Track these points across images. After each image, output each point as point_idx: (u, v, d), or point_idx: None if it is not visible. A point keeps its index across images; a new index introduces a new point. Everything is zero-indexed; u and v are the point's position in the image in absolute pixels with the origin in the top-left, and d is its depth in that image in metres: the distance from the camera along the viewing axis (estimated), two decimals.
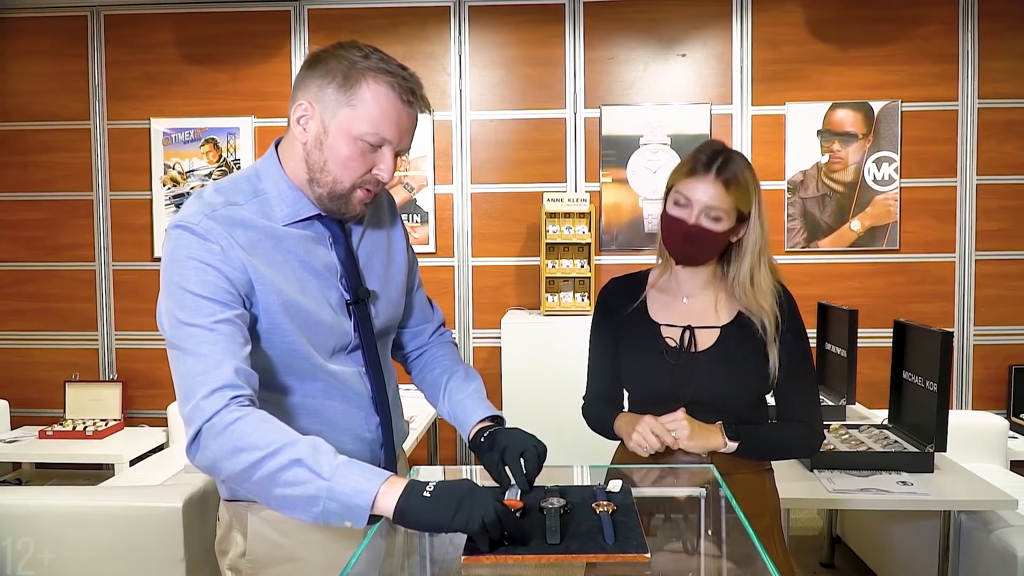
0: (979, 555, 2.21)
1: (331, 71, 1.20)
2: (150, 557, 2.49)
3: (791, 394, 1.56)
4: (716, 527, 1.25)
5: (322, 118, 1.21)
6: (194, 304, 1.15)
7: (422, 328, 1.55)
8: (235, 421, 1.09)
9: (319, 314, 1.26)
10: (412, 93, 1.23)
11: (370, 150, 1.22)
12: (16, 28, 4.21)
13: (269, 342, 1.23)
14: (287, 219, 1.26)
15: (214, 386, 1.11)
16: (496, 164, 4.11)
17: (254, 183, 1.27)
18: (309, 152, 1.23)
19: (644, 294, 1.62)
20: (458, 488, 1.05)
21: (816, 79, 4.01)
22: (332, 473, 1.05)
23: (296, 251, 1.25)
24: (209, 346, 1.13)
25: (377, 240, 1.40)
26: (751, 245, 1.51)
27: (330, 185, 1.23)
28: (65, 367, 4.19)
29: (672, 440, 1.48)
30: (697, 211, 1.47)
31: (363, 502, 1.04)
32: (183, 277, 1.16)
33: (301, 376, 1.27)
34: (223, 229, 1.18)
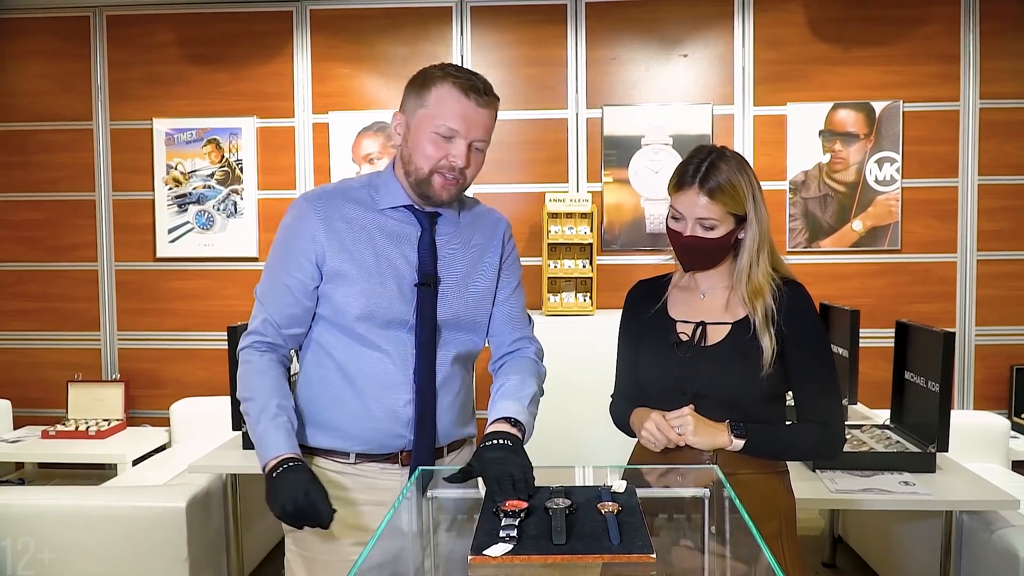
0: (981, 555, 2.21)
1: (413, 84, 1.51)
2: (153, 557, 2.50)
3: (807, 394, 1.55)
4: (720, 528, 1.26)
5: (407, 121, 1.50)
6: (273, 263, 1.54)
7: (501, 338, 1.67)
8: (246, 363, 1.51)
9: (383, 285, 1.48)
10: (474, 89, 1.46)
11: (444, 141, 1.46)
12: (18, 28, 4.21)
13: (331, 300, 1.49)
14: (385, 204, 1.53)
15: (250, 329, 1.54)
16: (498, 164, 4.11)
17: (372, 177, 1.59)
18: (402, 150, 1.52)
19: (666, 294, 1.65)
20: (282, 482, 1.34)
21: (818, 79, 4.01)
22: (259, 433, 1.43)
23: (383, 232, 1.52)
24: (267, 297, 1.53)
25: (468, 246, 1.59)
26: (748, 242, 1.54)
27: (415, 172, 1.48)
28: (67, 367, 4.19)
29: (676, 436, 1.48)
30: (691, 223, 1.52)
31: (261, 461, 1.41)
32: (277, 240, 1.55)
33: (352, 337, 1.49)
34: (317, 206, 1.51)
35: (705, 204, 1.49)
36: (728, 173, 1.49)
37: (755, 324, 1.52)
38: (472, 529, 1.10)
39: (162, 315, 4.23)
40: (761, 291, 1.52)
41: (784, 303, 1.53)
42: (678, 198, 1.53)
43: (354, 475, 1.52)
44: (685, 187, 1.51)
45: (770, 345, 1.50)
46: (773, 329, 1.51)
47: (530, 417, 1.50)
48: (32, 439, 3.82)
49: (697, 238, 1.52)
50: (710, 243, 1.52)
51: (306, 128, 4.15)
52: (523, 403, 1.51)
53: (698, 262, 1.57)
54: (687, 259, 1.57)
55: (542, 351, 1.70)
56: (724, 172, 1.49)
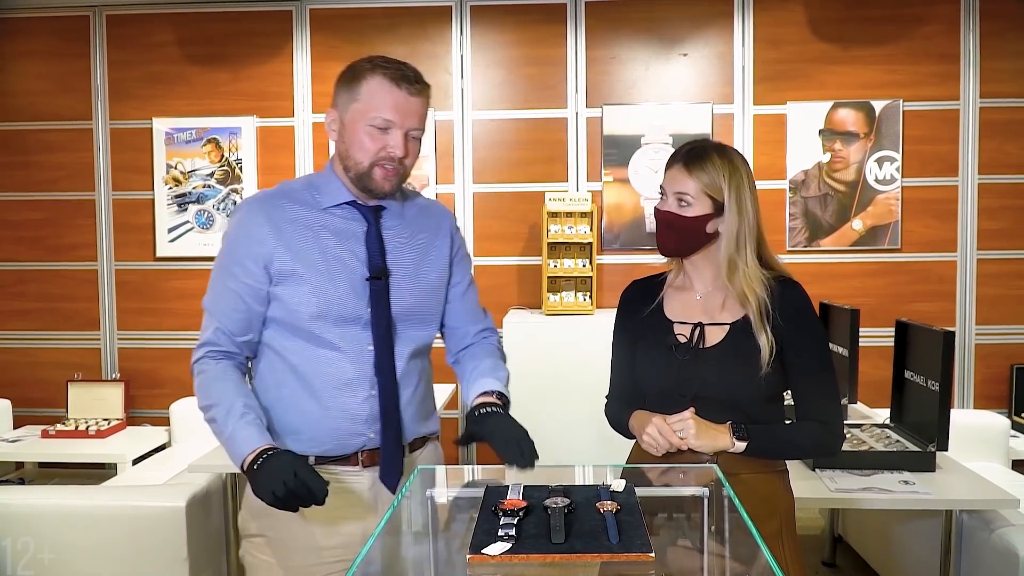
0: (981, 554, 2.21)
1: (343, 79, 1.51)
2: (153, 557, 2.49)
3: (806, 393, 1.55)
4: (719, 527, 1.26)
5: (340, 116, 1.50)
6: (220, 271, 1.50)
7: (464, 330, 1.70)
8: (201, 373, 1.48)
9: (333, 283, 1.47)
10: (405, 79, 1.46)
11: (380, 133, 1.46)
12: (18, 28, 4.21)
13: (283, 302, 1.47)
14: (328, 203, 1.52)
15: (201, 341, 1.50)
16: (498, 164, 4.11)
17: (312, 177, 1.59)
18: (338, 146, 1.52)
19: (662, 294, 1.64)
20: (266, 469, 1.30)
21: (818, 78, 4.01)
22: (229, 435, 1.39)
23: (329, 230, 1.50)
24: (216, 305, 1.50)
25: (415, 239, 1.59)
26: (725, 233, 1.53)
27: (354, 167, 1.48)
28: (67, 367, 4.19)
29: (678, 440, 1.48)
30: (670, 199, 1.56)
31: (237, 461, 1.37)
32: (223, 247, 1.52)
33: (306, 338, 1.48)
34: (261, 209, 1.49)
35: (682, 177, 1.53)
36: (715, 157, 1.53)
37: (752, 322, 1.51)
38: (471, 528, 1.10)
39: (162, 315, 4.22)
40: (752, 287, 1.52)
41: (779, 301, 1.52)
42: (666, 176, 1.58)
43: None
44: (673, 164, 1.57)
45: (767, 343, 1.49)
46: (770, 326, 1.50)
47: (508, 396, 1.56)
48: (32, 439, 3.82)
49: (671, 213, 1.55)
50: (681, 221, 1.53)
51: (306, 127, 4.15)
52: (502, 382, 1.58)
53: (669, 240, 1.58)
54: (661, 236, 1.59)
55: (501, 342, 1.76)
56: (711, 155, 1.53)
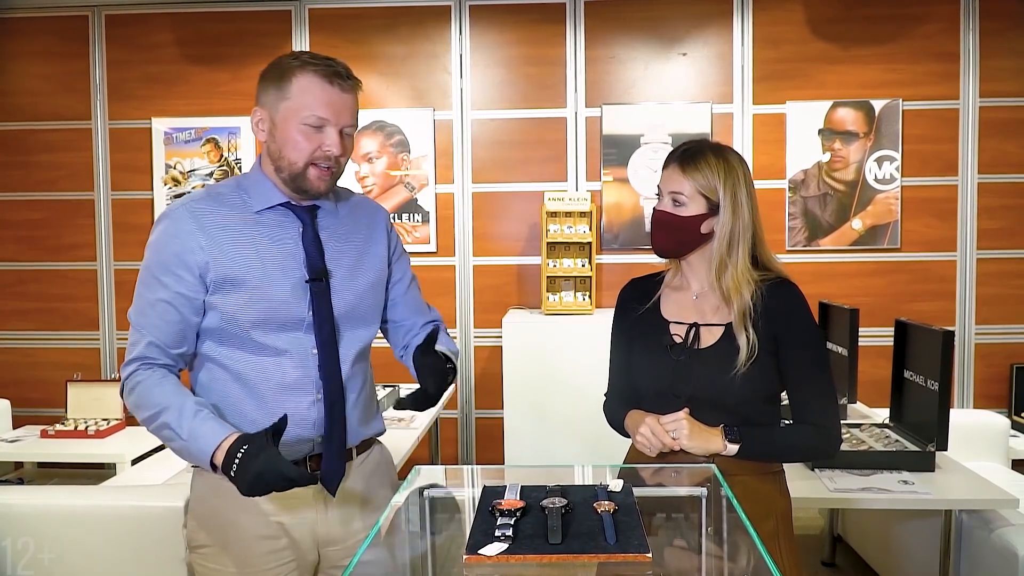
0: (980, 554, 2.21)
1: (270, 77, 1.44)
2: (151, 557, 2.49)
3: (802, 395, 1.54)
4: (717, 527, 1.25)
5: (270, 116, 1.43)
6: (147, 281, 1.42)
7: (412, 323, 1.68)
8: (138, 383, 1.39)
9: (272, 287, 1.43)
10: (337, 75, 1.42)
11: (314, 132, 1.41)
12: (17, 28, 4.21)
13: (222, 311, 1.41)
14: (260, 205, 1.47)
15: (132, 356, 1.41)
16: (497, 163, 4.11)
17: (240, 179, 1.52)
18: (269, 147, 1.46)
19: (659, 293, 1.64)
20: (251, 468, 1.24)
21: (817, 78, 4.00)
22: (188, 434, 1.32)
23: (264, 234, 1.45)
24: (146, 318, 1.42)
25: (352, 236, 1.56)
26: (718, 233, 1.53)
27: (288, 168, 1.43)
28: (67, 367, 4.19)
29: (671, 440, 1.48)
30: (665, 199, 1.56)
31: (205, 460, 1.31)
32: (148, 257, 1.44)
33: (247, 346, 1.43)
34: (191, 215, 1.41)
35: (677, 177, 1.53)
36: (711, 157, 1.52)
37: (735, 324, 1.51)
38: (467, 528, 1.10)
39: None
40: (738, 286, 1.51)
41: (769, 303, 1.51)
42: (662, 176, 1.58)
43: None
44: (669, 164, 1.57)
45: (745, 345, 1.49)
46: (750, 328, 1.49)
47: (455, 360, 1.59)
48: (31, 439, 3.81)
49: (665, 212, 1.55)
50: (676, 220, 1.53)
51: None
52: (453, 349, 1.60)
53: (664, 239, 1.58)
54: (656, 235, 1.59)
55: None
56: (707, 155, 1.53)
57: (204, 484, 1.49)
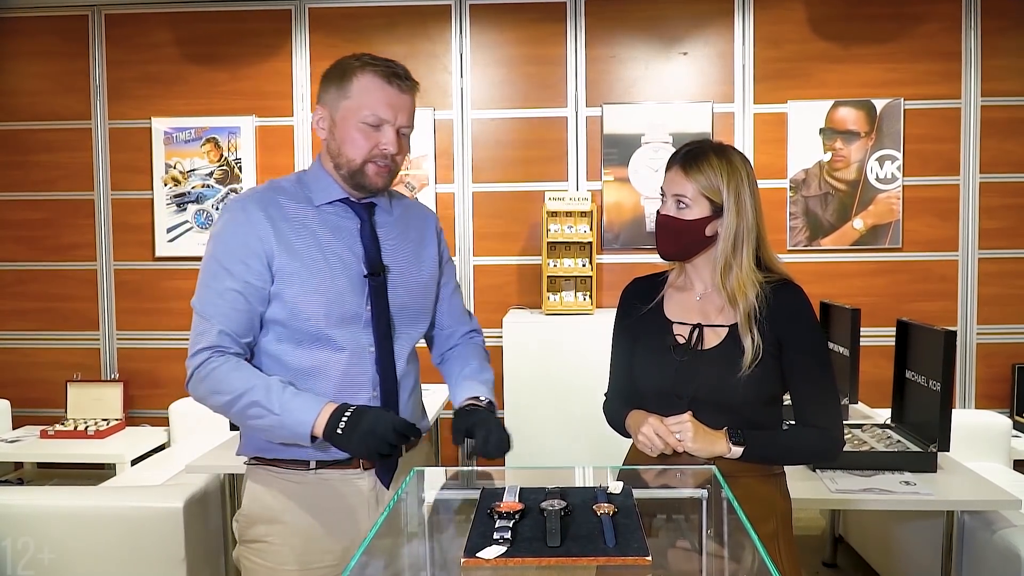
0: (982, 555, 2.20)
1: (331, 77, 1.49)
2: (151, 557, 2.49)
3: (805, 397, 1.53)
4: (718, 529, 1.25)
5: (330, 115, 1.49)
6: (215, 271, 1.44)
7: (453, 330, 1.72)
8: (213, 370, 1.39)
9: (333, 281, 1.46)
10: (396, 76, 1.46)
11: (372, 130, 1.45)
12: (16, 28, 4.20)
13: (284, 301, 1.44)
14: (320, 200, 1.51)
15: (202, 345, 1.41)
16: (497, 163, 4.10)
17: (300, 175, 1.57)
18: (329, 144, 1.50)
19: (662, 293, 1.63)
20: (361, 424, 1.30)
21: (818, 77, 3.99)
22: (281, 409, 1.35)
23: (325, 228, 1.49)
24: (214, 308, 1.42)
25: (408, 236, 1.60)
26: (723, 234, 1.52)
27: (347, 164, 1.48)
28: (67, 367, 4.18)
29: (675, 442, 1.47)
30: (669, 202, 1.55)
31: (304, 431, 1.35)
32: (214, 246, 1.46)
33: (307, 341, 1.45)
34: (257, 205, 1.46)
35: (680, 180, 1.52)
36: (713, 159, 1.51)
37: (738, 323, 1.50)
38: (465, 530, 1.09)
39: (161, 315, 4.22)
40: (743, 288, 1.51)
41: (773, 305, 1.50)
42: (665, 178, 1.57)
43: (316, 484, 1.48)
44: (671, 166, 1.56)
45: (752, 346, 1.48)
46: (756, 330, 1.49)
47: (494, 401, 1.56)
48: (31, 439, 3.82)
49: (669, 216, 1.54)
50: (680, 224, 1.52)
51: (305, 127, 4.14)
52: (488, 386, 1.57)
53: (669, 244, 1.57)
54: (660, 239, 1.58)
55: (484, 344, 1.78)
56: (709, 156, 1.51)
57: (259, 480, 1.52)
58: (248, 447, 1.53)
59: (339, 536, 1.48)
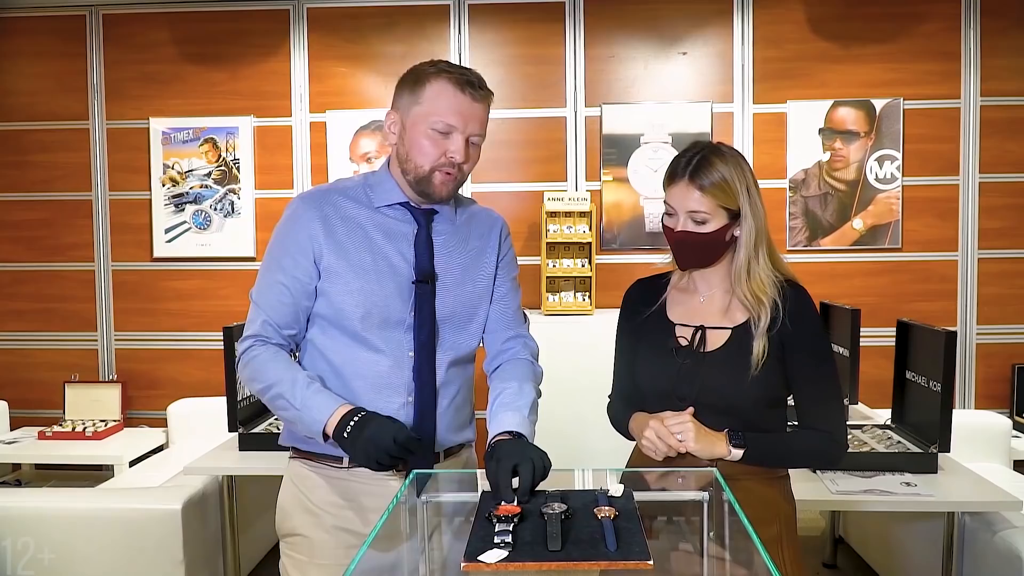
0: (983, 556, 2.20)
1: (406, 81, 1.49)
2: (149, 559, 2.48)
3: (809, 400, 1.52)
4: (719, 531, 1.24)
5: (401, 119, 1.49)
6: (268, 263, 1.52)
7: (497, 334, 1.62)
8: (254, 358, 1.47)
9: (380, 283, 1.47)
10: (469, 84, 1.45)
11: (441, 137, 1.45)
12: (14, 28, 4.19)
13: (330, 298, 1.47)
14: (380, 202, 1.52)
15: (249, 332, 1.49)
16: (496, 163, 4.09)
17: (368, 176, 1.58)
18: (398, 148, 1.51)
19: (665, 295, 1.62)
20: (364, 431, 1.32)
21: (818, 77, 3.99)
22: (301, 404, 1.40)
23: (380, 230, 1.51)
24: (264, 298, 1.50)
25: (466, 244, 1.58)
26: (744, 237, 1.50)
27: (414, 171, 1.47)
28: (64, 368, 4.17)
29: (676, 443, 1.46)
30: (682, 218, 1.50)
31: (317, 429, 1.39)
32: (273, 240, 1.53)
33: (347, 338, 1.48)
34: (313, 203, 1.50)
35: (696, 197, 1.47)
36: (720, 166, 1.46)
37: (756, 326, 1.48)
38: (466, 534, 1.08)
39: (159, 315, 4.21)
40: (764, 289, 1.49)
41: (788, 305, 1.49)
42: (670, 192, 1.51)
43: (349, 480, 1.50)
44: (677, 180, 1.49)
45: (761, 347, 1.47)
46: (772, 333, 1.47)
47: (531, 426, 1.47)
48: (29, 440, 3.80)
49: (688, 233, 1.49)
50: (702, 238, 1.49)
51: (303, 127, 4.13)
52: (523, 412, 1.47)
53: (692, 259, 1.53)
54: (681, 256, 1.54)
55: (537, 350, 1.67)
56: (716, 165, 1.47)
57: (295, 472, 1.55)
58: (288, 436, 1.57)
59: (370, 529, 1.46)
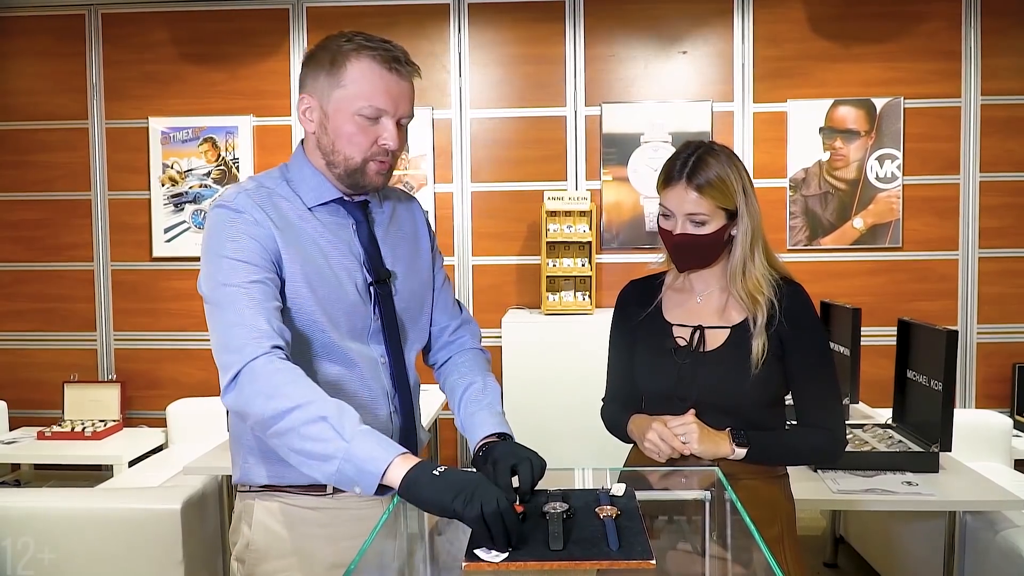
0: (985, 555, 2.19)
1: (319, 61, 1.30)
2: (149, 559, 2.48)
3: (807, 398, 1.52)
4: (721, 531, 1.23)
5: (321, 105, 1.30)
6: (231, 267, 1.23)
7: (444, 325, 1.55)
8: (276, 371, 1.16)
9: (341, 290, 1.32)
10: (396, 60, 1.28)
11: (371, 123, 1.28)
12: (14, 27, 4.18)
13: (293, 314, 1.29)
14: (313, 201, 1.34)
15: (253, 334, 1.18)
16: (496, 162, 4.09)
17: (284, 172, 1.38)
18: (319, 139, 1.32)
19: (660, 295, 1.61)
20: (468, 476, 1.07)
21: (818, 76, 3.98)
22: (352, 436, 1.10)
23: (322, 231, 1.33)
24: (246, 301, 1.21)
25: (403, 231, 1.46)
26: (740, 236, 1.49)
27: (343, 163, 1.31)
28: (64, 368, 4.17)
29: (680, 444, 1.45)
30: (680, 220, 1.48)
31: (375, 468, 1.08)
32: (220, 246, 1.25)
33: (320, 355, 1.31)
34: (255, 204, 1.28)
35: (694, 199, 1.45)
36: (716, 167, 1.45)
37: (754, 325, 1.48)
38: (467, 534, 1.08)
39: (159, 315, 4.20)
40: (760, 288, 1.48)
41: (785, 303, 1.49)
42: (667, 194, 1.49)
43: (334, 509, 1.34)
44: (673, 182, 1.47)
45: (760, 345, 1.46)
46: (771, 331, 1.47)
47: (507, 424, 1.40)
48: (28, 440, 3.80)
49: (687, 235, 1.48)
50: (701, 240, 1.48)
51: None
52: (497, 410, 1.41)
53: (691, 260, 1.52)
54: (680, 258, 1.53)
55: (480, 333, 1.60)
56: (712, 166, 1.46)
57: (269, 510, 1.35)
58: (255, 474, 1.34)
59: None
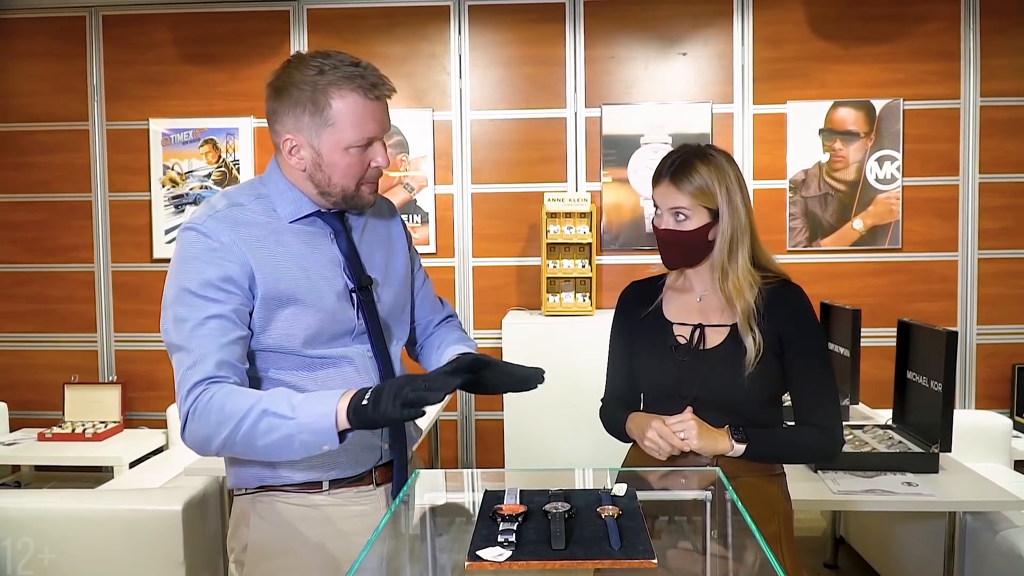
0: (985, 556, 2.20)
1: (298, 101, 1.31)
2: (150, 560, 2.48)
3: (805, 396, 1.54)
4: (722, 530, 1.24)
5: (311, 144, 1.33)
6: (190, 301, 1.27)
7: (430, 319, 1.65)
8: (209, 400, 1.23)
9: (323, 301, 1.36)
10: (374, 87, 1.33)
11: (362, 152, 1.34)
12: (14, 29, 4.19)
13: (273, 331, 1.34)
14: (290, 216, 1.38)
15: (197, 379, 1.24)
16: (496, 164, 4.09)
17: (257, 187, 1.41)
18: (312, 174, 1.36)
19: (661, 296, 1.63)
20: (386, 389, 1.15)
21: (817, 77, 3.99)
22: (294, 411, 1.19)
23: (300, 245, 1.37)
24: (198, 340, 1.25)
25: (378, 234, 1.51)
26: (719, 239, 1.53)
27: (340, 193, 1.36)
28: (64, 369, 4.17)
29: (679, 442, 1.46)
30: (666, 216, 1.54)
31: (328, 424, 1.18)
32: (184, 275, 1.29)
33: (306, 361, 1.36)
34: (226, 226, 1.30)
35: (674, 194, 1.52)
36: (700, 166, 1.51)
37: (737, 324, 1.50)
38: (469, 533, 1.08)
39: (159, 316, 4.19)
40: (741, 291, 1.51)
41: (773, 304, 1.51)
42: (656, 192, 1.56)
43: (329, 506, 1.40)
44: (661, 178, 1.54)
45: (753, 345, 1.48)
46: (756, 329, 1.49)
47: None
48: (28, 441, 3.80)
49: (670, 231, 1.54)
50: (683, 236, 1.52)
51: None
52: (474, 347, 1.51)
53: (675, 256, 1.57)
54: (665, 253, 1.58)
55: (460, 324, 1.71)
56: (696, 165, 1.51)
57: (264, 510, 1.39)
58: (248, 477, 1.39)
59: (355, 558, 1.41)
